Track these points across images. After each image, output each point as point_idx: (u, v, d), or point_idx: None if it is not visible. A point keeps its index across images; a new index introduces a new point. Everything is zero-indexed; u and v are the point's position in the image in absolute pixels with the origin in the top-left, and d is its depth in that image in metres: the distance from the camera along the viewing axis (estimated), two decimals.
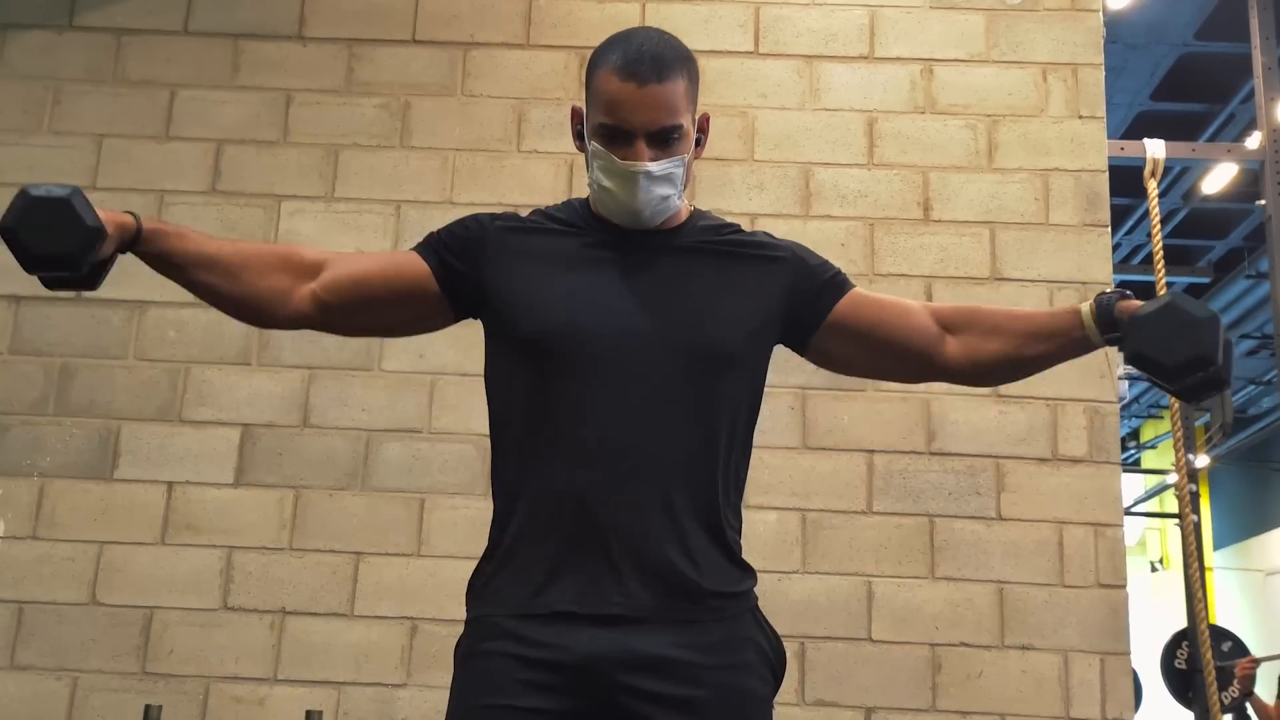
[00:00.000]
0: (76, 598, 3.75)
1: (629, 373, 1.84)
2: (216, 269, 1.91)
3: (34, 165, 4.05)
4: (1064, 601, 3.71)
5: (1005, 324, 1.99)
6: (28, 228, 1.72)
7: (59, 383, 3.90)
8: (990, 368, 2.01)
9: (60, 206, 1.73)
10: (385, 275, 1.99)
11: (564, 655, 1.76)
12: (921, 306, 2.04)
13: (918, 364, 2.04)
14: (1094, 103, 4.08)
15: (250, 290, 1.93)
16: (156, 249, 1.87)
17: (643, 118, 1.86)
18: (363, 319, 2.05)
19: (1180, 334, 1.74)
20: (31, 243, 1.73)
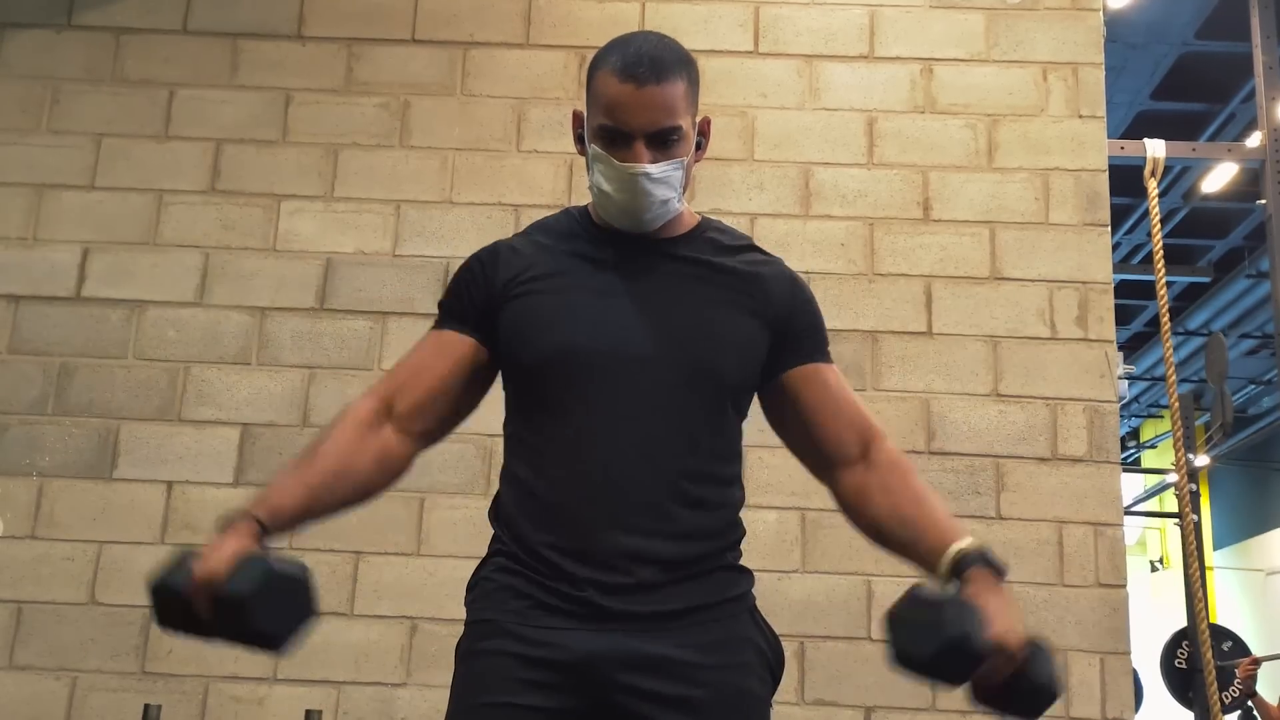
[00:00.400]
0: (76, 597, 3.74)
1: (625, 390, 1.85)
2: (338, 495, 1.85)
3: (33, 165, 4.06)
4: (1064, 601, 3.70)
5: (904, 500, 1.89)
6: (262, 605, 1.63)
7: (58, 382, 3.89)
8: (860, 521, 1.95)
9: (298, 589, 1.67)
10: (448, 374, 1.95)
11: (563, 654, 1.76)
12: (860, 423, 1.97)
13: (816, 467, 2.00)
14: (1094, 102, 4.08)
15: (370, 482, 1.89)
16: (285, 527, 1.80)
17: (642, 119, 1.85)
18: (449, 420, 2.00)
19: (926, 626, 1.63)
20: (258, 621, 1.64)
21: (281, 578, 1.66)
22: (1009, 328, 3.89)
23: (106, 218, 4.03)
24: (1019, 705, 1.70)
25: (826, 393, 1.97)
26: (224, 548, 1.66)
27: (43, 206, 4.04)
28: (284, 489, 1.80)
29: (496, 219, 3.99)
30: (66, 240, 4.00)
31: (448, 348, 1.95)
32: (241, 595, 1.62)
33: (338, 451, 1.85)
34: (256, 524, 1.72)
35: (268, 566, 1.65)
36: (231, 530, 1.70)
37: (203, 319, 3.94)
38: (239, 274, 3.98)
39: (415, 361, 1.97)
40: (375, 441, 1.88)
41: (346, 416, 1.90)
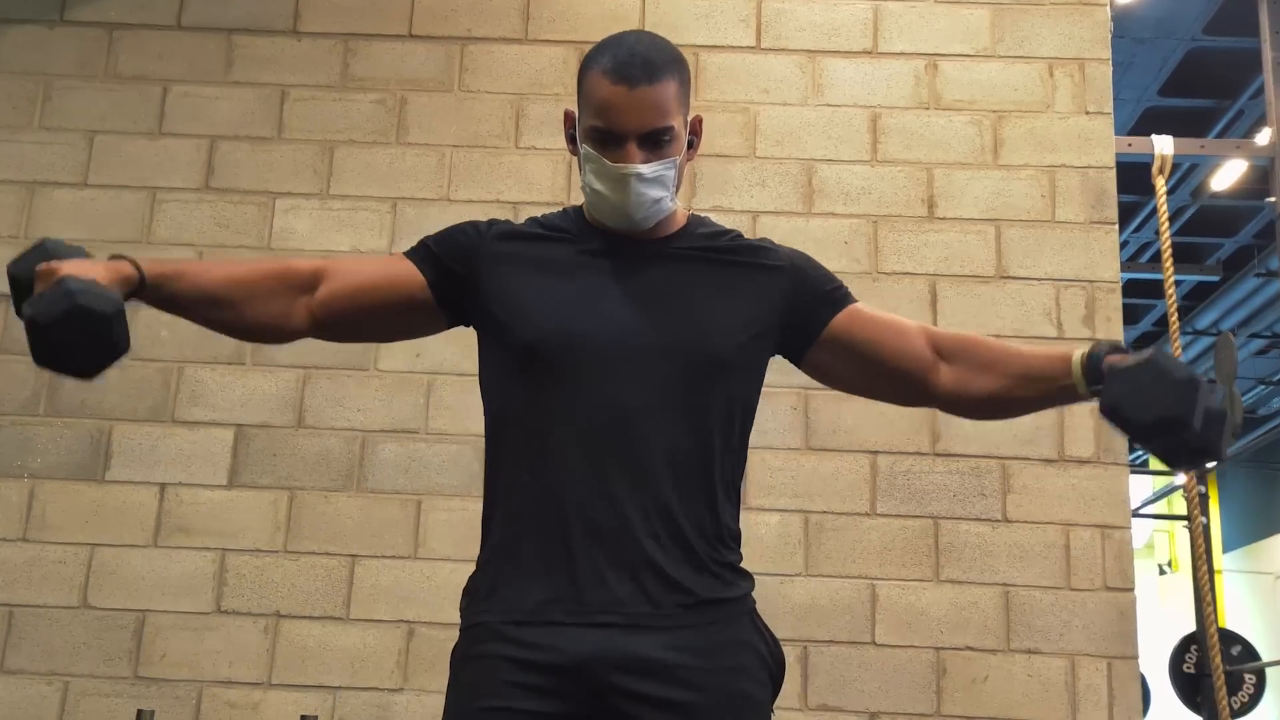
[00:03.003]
0: (67, 601, 3.72)
1: (621, 380, 1.84)
2: (220, 304, 1.92)
3: (24, 162, 4.04)
4: (1070, 605, 3.68)
5: (1000, 361, 1.96)
6: (59, 330, 1.66)
7: (50, 382, 3.87)
8: (979, 403, 2.00)
9: (101, 325, 1.68)
10: (381, 287, 1.99)
11: (558, 657, 1.75)
12: (920, 330, 2.02)
13: (909, 388, 2.02)
14: (1101, 98, 4.05)
15: (254, 318, 1.94)
16: (159, 295, 1.87)
17: (633, 120, 1.86)
18: (356, 329, 2.07)
19: (1153, 391, 1.67)
20: (57, 348, 1.68)
21: (83, 312, 1.67)
22: (1015, 327, 3.86)
23: (99, 216, 4.00)
24: None
25: (875, 325, 2.00)
26: (85, 264, 1.76)
27: (34, 204, 4.01)
28: (179, 267, 1.91)
29: (494, 216, 3.93)
30: (59, 238, 3.94)
31: (398, 271, 1.99)
32: (37, 322, 1.67)
33: (244, 278, 1.94)
34: (133, 267, 1.82)
35: (74, 301, 1.66)
36: (111, 261, 1.81)
37: None
38: None
39: (363, 262, 2.11)
40: (280, 298, 1.94)
41: (275, 261, 2.01)
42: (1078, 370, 1.83)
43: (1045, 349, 1.90)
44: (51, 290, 1.68)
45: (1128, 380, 1.69)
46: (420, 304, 1.97)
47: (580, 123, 1.94)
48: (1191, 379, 1.66)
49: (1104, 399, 1.72)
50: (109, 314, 1.68)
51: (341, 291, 1.97)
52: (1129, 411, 1.68)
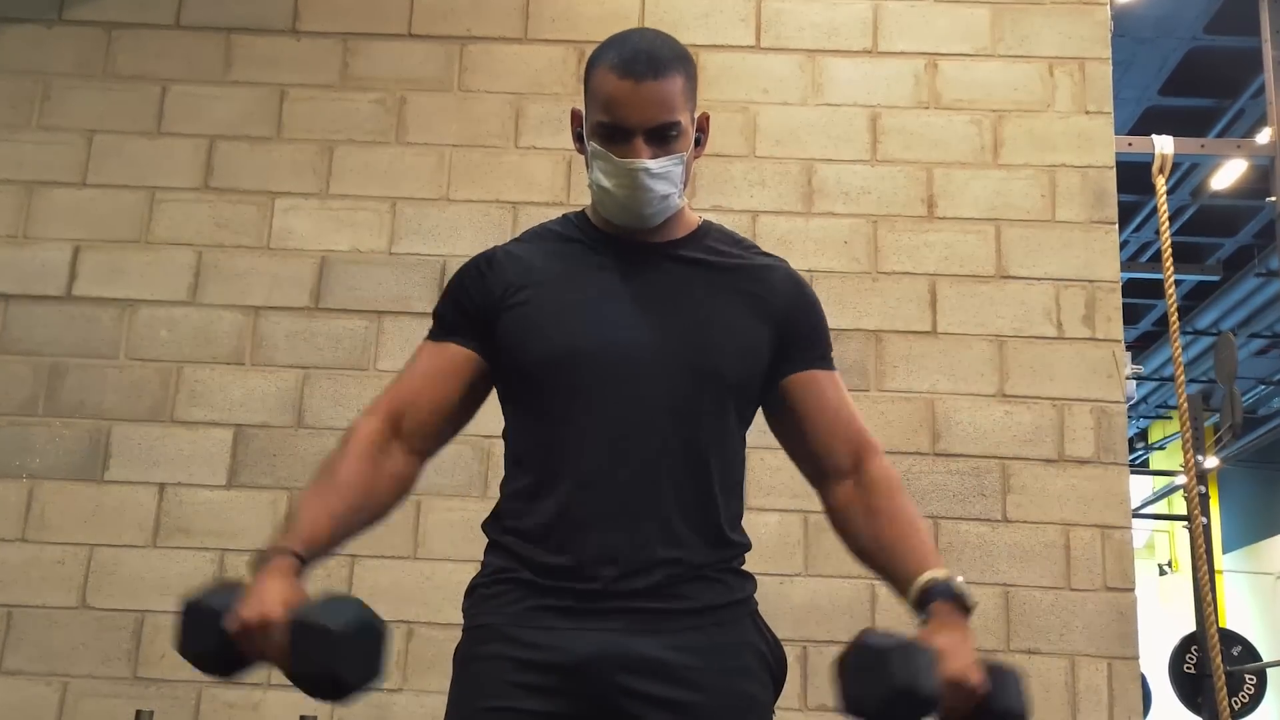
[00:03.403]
0: (66, 601, 3.71)
1: (628, 393, 1.84)
2: (359, 516, 1.84)
3: (23, 161, 4.03)
4: (1071, 605, 3.67)
5: (883, 526, 1.89)
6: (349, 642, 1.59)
7: (48, 382, 3.86)
8: (843, 536, 1.96)
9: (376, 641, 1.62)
10: (449, 391, 1.94)
11: (561, 657, 1.75)
12: (854, 440, 1.96)
13: (808, 474, 2.01)
14: (1101, 98, 4.04)
15: (386, 501, 1.88)
16: (316, 557, 1.79)
17: (640, 115, 1.85)
18: (454, 432, 1.99)
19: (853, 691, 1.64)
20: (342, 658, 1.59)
21: (370, 625, 1.62)
22: (1015, 327, 3.85)
23: (98, 215, 3.99)
24: None
25: (823, 402, 1.97)
26: (273, 586, 1.65)
27: (33, 204, 4.00)
28: (314, 519, 1.78)
29: (494, 216, 3.96)
30: (57, 238, 3.97)
31: (448, 362, 1.94)
32: (335, 630, 1.58)
33: (358, 479, 1.84)
34: (295, 559, 1.71)
35: (361, 609, 1.62)
36: (272, 566, 1.68)
37: (195, 318, 3.91)
38: (232, 273, 3.94)
39: (417, 377, 1.95)
40: (388, 465, 1.87)
41: (357, 439, 1.87)
42: (912, 596, 1.79)
43: (922, 548, 1.84)
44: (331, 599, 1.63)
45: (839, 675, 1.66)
46: (481, 372, 1.94)
47: (587, 120, 1.93)
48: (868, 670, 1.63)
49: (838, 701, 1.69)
50: (384, 630, 1.64)
51: (425, 419, 1.92)
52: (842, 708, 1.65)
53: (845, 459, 1.94)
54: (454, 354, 1.93)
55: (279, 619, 1.60)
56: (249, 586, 1.66)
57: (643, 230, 1.95)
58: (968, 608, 1.75)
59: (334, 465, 1.85)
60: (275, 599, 1.62)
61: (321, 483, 1.84)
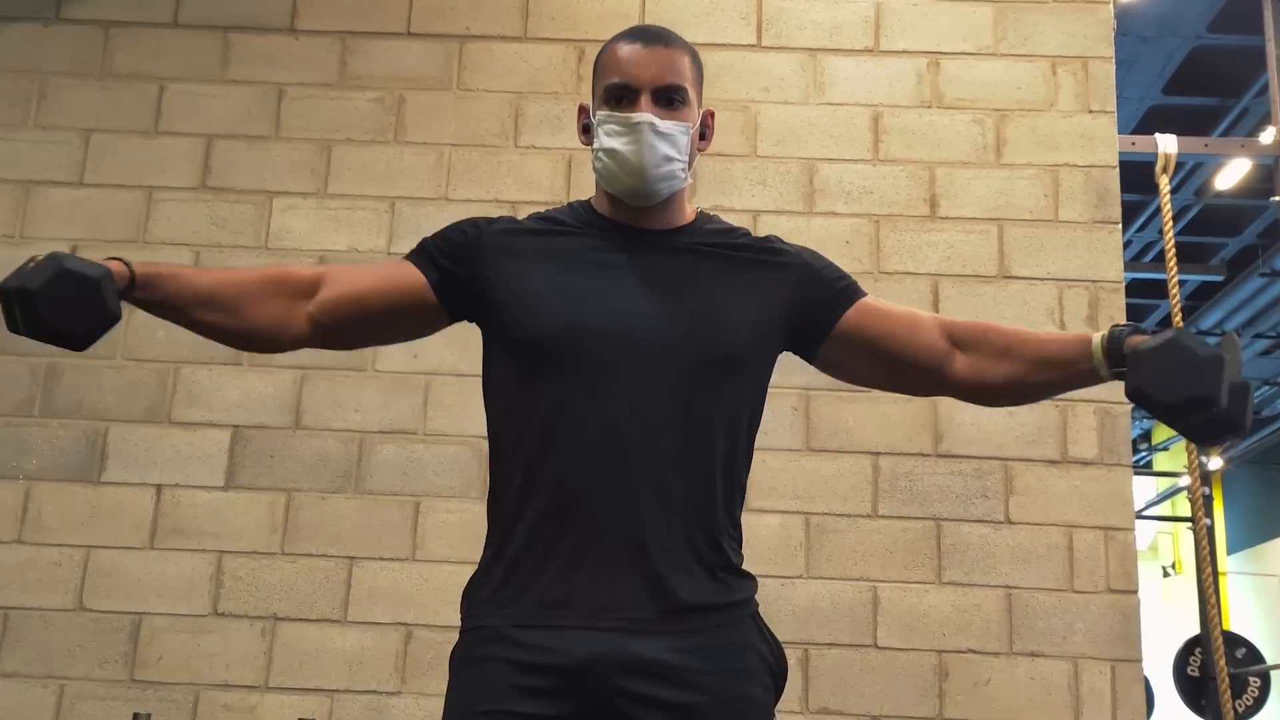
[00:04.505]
0: (63, 603, 3.70)
1: (628, 377, 1.82)
2: (214, 307, 1.88)
3: (19, 160, 4.02)
4: (1074, 607, 3.66)
5: (1016, 346, 1.95)
6: (49, 299, 1.67)
7: (45, 383, 3.85)
8: (998, 390, 1.99)
9: (90, 287, 1.69)
10: (382, 291, 1.97)
11: (561, 659, 1.74)
12: (933, 320, 2.01)
13: (925, 379, 2.02)
14: (1104, 97, 4.03)
15: (250, 323, 1.91)
16: (151, 295, 1.84)
17: (648, 73, 1.90)
18: (360, 334, 2.04)
19: (1179, 372, 1.67)
20: (48, 315, 1.68)
21: (71, 275, 1.68)
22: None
23: (95, 215, 3.98)
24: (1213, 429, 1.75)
25: (887, 318, 2.01)
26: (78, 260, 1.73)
27: (30, 203, 3.99)
28: (175, 268, 1.88)
29: (493, 216, 3.92)
30: (54, 238, 3.95)
31: (399, 273, 1.97)
32: (25, 289, 1.67)
33: (243, 282, 1.90)
34: (124, 264, 1.79)
35: (61, 265, 1.68)
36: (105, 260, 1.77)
37: None
38: None
39: (364, 268, 2.01)
40: (279, 303, 1.92)
41: (276, 268, 1.95)
42: (1099, 354, 1.83)
43: (1062, 334, 1.91)
44: (38, 263, 1.69)
45: (1152, 362, 1.69)
46: (423, 305, 1.95)
47: (595, 95, 1.97)
48: (1216, 357, 1.66)
49: (1129, 382, 1.72)
50: (98, 277, 1.69)
51: (343, 295, 1.94)
52: (1156, 393, 1.68)
53: (940, 341, 1.98)
54: (409, 270, 1.95)
55: None
56: None
57: (645, 211, 1.95)
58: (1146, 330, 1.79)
59: (239, 268, 1.90)
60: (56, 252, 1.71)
61: (217, 268, 1.91)
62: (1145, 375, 1.69)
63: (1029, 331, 1.99)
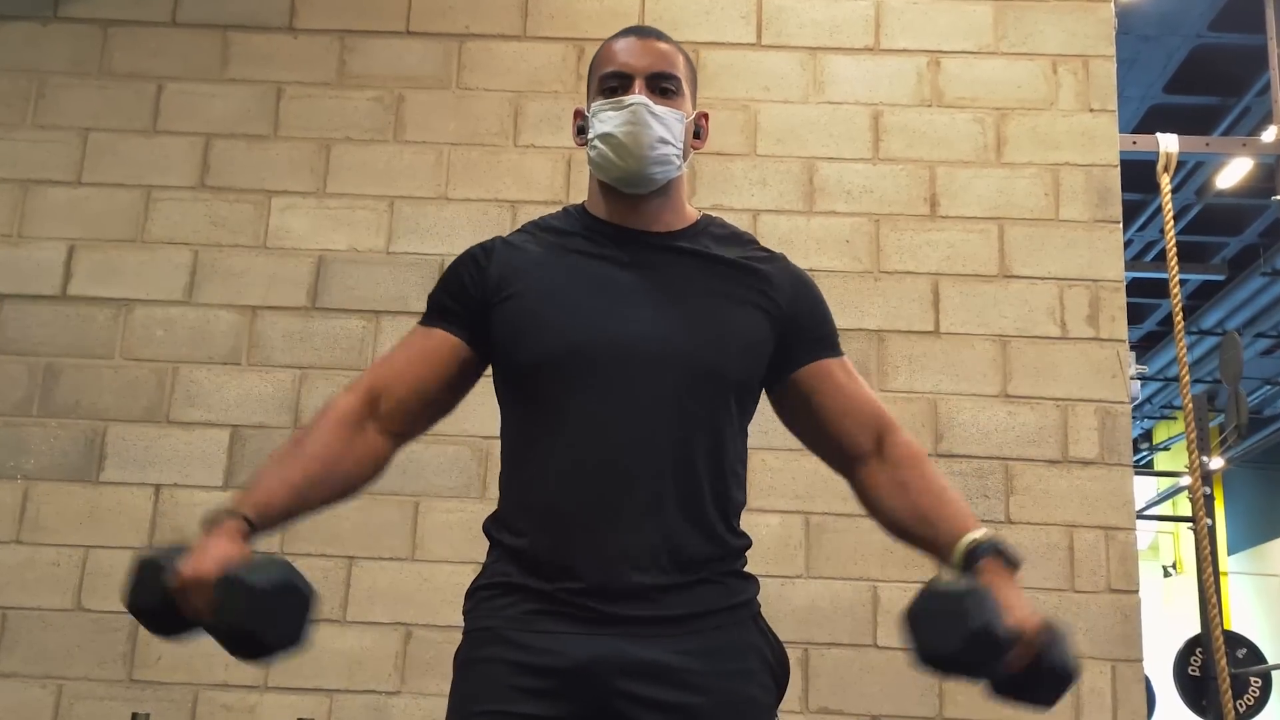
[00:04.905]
0: (61, 603, 3.69)
1: (626, 390, 1.83)
2: (316, 490, 1.83)
3: (18, 160, 4.01)
4: (1074, 607, 3.65)
5: (917, 495, 1.90)
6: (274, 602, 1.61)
7: (44, 383, 3.84)
8: (877, 514, 1.96)
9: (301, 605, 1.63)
10: (432, 374, 1.93)
11: (562, 660, 1.74)
12: (874, 418, 1.98)
13: (836, 462, 2.01)
14: (1105, 96, 4.02)
15: (348, 480, 1.87)
16: (268, 526, 1.78)
17: (642, 60, 1.93)
18: (431, 416, 1.98)
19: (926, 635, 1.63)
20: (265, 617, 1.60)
21: (297, 587, 1.63)
22: (1018, 327, 3.83)
23: (93, 214, 3.97)
24: (1039, 692, 1.70)
25: (838, 390, 1.98)
26: (215, 546, 1.64)
27: (28, 203, 3.98)
28: (270, 487, 1.78)
29: (493, 215, 3.94)
30: (52, 237, 3.95)
31: (435, 348, 1.94)
32: (258, 587, 1.59)
33: (323, 450, 1.83)
34: (245, 523, 1.70)
35: (289, 571, 1.63)
36: (220, 529, 1.68)
37: (192, 318, 3.88)
38: (229, 272, 3.92)
39: (401, 359, 1.95)
40: (360, 441, 1.86)
41: (331, 412, 1.87)
42: (956, 560, 1.80)
43: (957, 514, 1.85)
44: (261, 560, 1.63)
45: (912, 625, 1.66)
46: (468, 363, 1.94)
47: (590, 87, 1.99)
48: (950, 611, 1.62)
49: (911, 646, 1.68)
50: (307, 594, 1.64)
51: (402, 399, 1.91)
52: (918, 656, 1.65)
53: (867, 440, 1.96)
54: (441, 340, 1.93)
55: (212, 576, 1.60)
56: (197, 542, 1.66)
57: (642, 209, 1.95)
58: (1016, 563, 1.77)
59: (303, 436, 1.85)
60: (212, 557, 1.62)
61: (286, 452, 1.83)
62: (912, 641, 1.66)
63: (940, 492, 1.91)
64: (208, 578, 1.60)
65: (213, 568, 1.60)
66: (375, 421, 1.89)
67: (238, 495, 1.75)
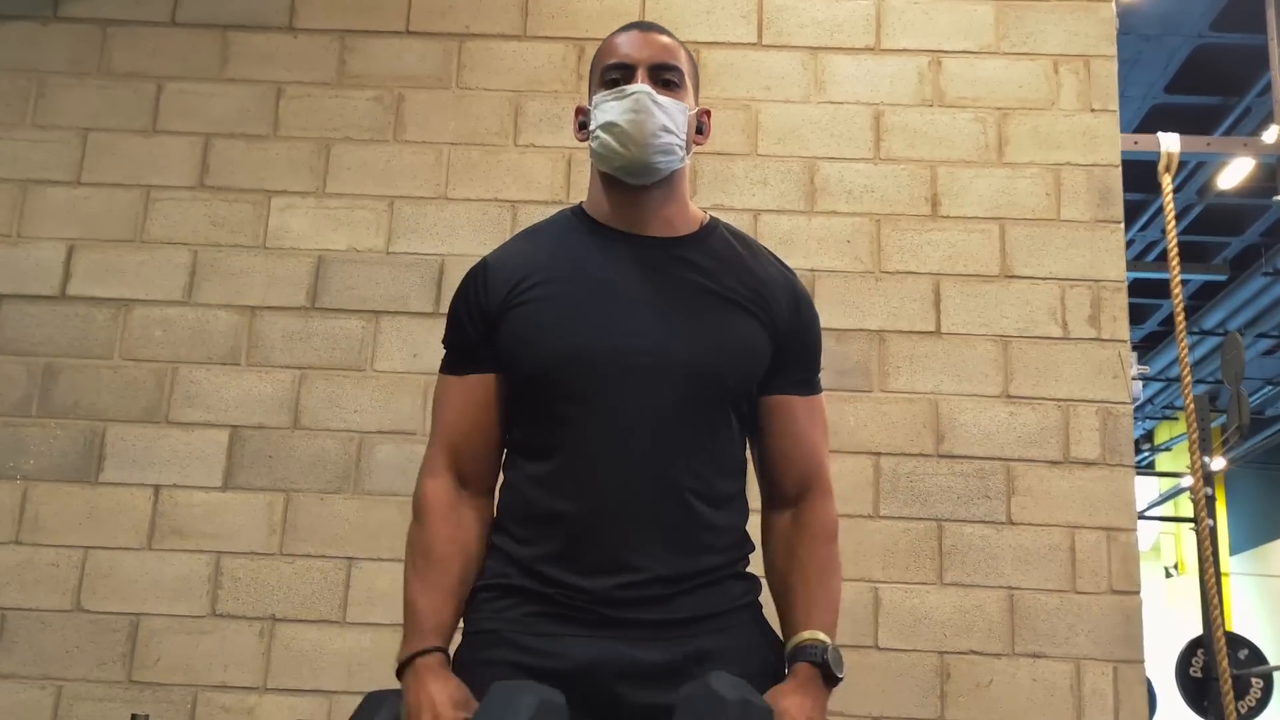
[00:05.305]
0: (60, 604, 3.68)
1: (630, 397, 1.84)
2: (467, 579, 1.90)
3: (17, 160, 4.00)
4: (1076, 608, 3.64)
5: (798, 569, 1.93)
6: None
7: (42, 383, 3.83)
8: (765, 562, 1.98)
9: None
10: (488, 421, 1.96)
11: (564, 663, 1.76)
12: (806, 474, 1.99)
13: (761, 492, 2.03)
14: (1107, 95, 4.01)
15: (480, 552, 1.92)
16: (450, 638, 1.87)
17: (644, 52, 1.96)
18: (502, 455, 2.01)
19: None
20: None
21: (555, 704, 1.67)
22: (1019, 327, 3.82)
23: (92, 214, 3.96)
24: None
25: (789, 431, 1.99)
26: (437, 687, 1.74)
27: (27, 203, 3.97)
28: (435, 607, 1.85)
29: (493, 215, 3.93)
30: (51, 237, 3.94)
31: (481, 396, 1.95)
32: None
33: (451, 548, 1.89)
34: (441, 654, 1.80)
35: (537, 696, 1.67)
36: (427, 669, 1.77)
37: (191, 318, 3.87)
38: (228, 272, 3.91)
39: (457, 419, 1.96)
40: (468, 518, 1.92)
41: (432, 506, 1.91)
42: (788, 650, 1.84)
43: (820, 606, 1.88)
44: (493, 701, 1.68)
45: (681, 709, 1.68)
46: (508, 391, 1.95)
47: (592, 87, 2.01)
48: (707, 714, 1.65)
49: None
50: None
51: (480, 458, 1.95)
52: None
53: (791, 490, 1.98)
54: (479, 385, 1.95)
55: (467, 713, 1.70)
56: (413, 694, 1.74)
57: (644, 209, 1.96)
58: (834, 677, 1.79)
59: (423, 542, 1.89)
60: (446, 702, 1.72)
61: (420, 565, 1.89)
62: None
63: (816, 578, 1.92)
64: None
65: (452, 714, 1.70)
66: (466, 490, 1.94)
67: (414, 630, 1.83)
